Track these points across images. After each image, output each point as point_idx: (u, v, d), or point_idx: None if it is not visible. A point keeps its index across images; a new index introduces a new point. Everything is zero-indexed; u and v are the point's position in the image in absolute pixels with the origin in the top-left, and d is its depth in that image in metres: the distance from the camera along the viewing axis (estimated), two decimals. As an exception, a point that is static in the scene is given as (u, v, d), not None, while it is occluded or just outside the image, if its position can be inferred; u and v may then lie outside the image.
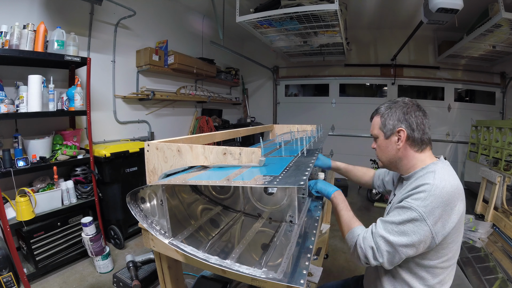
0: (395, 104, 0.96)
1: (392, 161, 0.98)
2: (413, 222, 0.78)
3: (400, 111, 0.94)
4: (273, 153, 1.39)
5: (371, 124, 1.04)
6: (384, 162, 1.02)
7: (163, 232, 0.90)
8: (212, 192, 1.18)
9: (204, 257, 0.78)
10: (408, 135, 0.92)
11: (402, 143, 0.93)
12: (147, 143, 1.02)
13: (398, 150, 0.95)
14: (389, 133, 0.95)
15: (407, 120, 0.92)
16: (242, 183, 0.77)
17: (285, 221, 1.03)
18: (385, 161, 1.01)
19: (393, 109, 0.95)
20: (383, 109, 0.98)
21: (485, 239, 2.58)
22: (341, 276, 2.20)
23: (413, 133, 0.92)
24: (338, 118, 5.30)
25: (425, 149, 0.93)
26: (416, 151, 0.93)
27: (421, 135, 0.92)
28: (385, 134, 0.97)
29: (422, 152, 0.93)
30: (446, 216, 0.79)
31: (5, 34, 1.87)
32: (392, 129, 0.94)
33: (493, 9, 2.99)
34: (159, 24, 3.57)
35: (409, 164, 0.95)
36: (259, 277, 0.68)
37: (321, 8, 2.67)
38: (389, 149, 0.97)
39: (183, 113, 4.20)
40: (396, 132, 0.93)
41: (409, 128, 0.92)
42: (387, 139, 0.96)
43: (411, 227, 0.78)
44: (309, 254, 0.77)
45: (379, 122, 0.98)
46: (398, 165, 0.98)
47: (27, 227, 1.96)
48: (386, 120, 0.96)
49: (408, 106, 0.94)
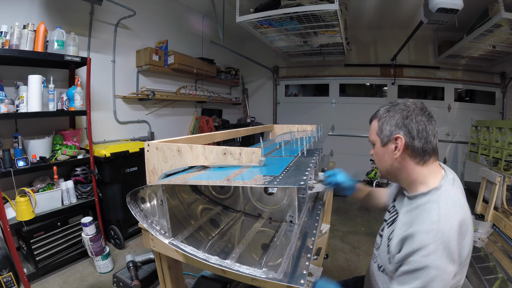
0: (395, 107, 0.84)
1: (390, 171, 0.88)
2: (437, 278, 0.68)
3: (399, 115, 0.82)
4: (273, 153, 1.39)
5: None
6: (382, 172, 0.92)
7: (163, 232, 0.90)
8: (212, 192, 1.18)
9: (204, 257, 0.78)
10: (407, 144, 0.80)
11: (399, 152, 0.81)
12: (147, 143, 1.02)
13: (395, 160, 0.83)
14: (385, 139, 0.84)
15: (407, 126, 0.80)
16: (242, 183, 0.77)
17: (285, 221, 1.03)
18: (382, 171, 0.91)
19: (392, 113, 0.83)
20: (381, 112, 0.87)
21: (485, 239, 2.58)
22: (341, 276, 2.20)
23: (413, 142, 0.79)
24: (338, 118, 5.30)
25: (428, 161, 0.81)
26: (417, 164, 0.81)
27: (423, 144, 0.79)
28: (381, 141, 0.85)
29: (425, 165, 0.81)
30: (460, 247, 0.72)
31: (5, 34, 1.87)
32: (389, 136, 0.83)
33: (493, 9, 2.99)
34: (159, 24, 3.56)
35: (409, 178, 0.84)
36: (259, 277, 0.68)
37: (321, 8, 2.67)
38: (385, 158, 0.86)
39: (183, 113, 4.20)
40: (394, 139, 0.82)
41: (409, 135, 0.80)
42: (384, 147, 0.85)
43: (438, 284, 0.69)
44: (309, 254, 0.77)
45: (376, 126, 0.87)
46: (398, 177, 0.87)
47: (27, 227, 1.96)
48: (383, 125, 0.84)
49: (410, 110, 0.81)
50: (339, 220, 3.28)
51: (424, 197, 0.79)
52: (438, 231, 0.70)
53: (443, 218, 0.71)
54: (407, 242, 0.75)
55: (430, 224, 0.72)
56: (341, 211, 3.56)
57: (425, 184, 0.81)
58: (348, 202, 4.06)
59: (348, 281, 1.26)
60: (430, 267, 0.68)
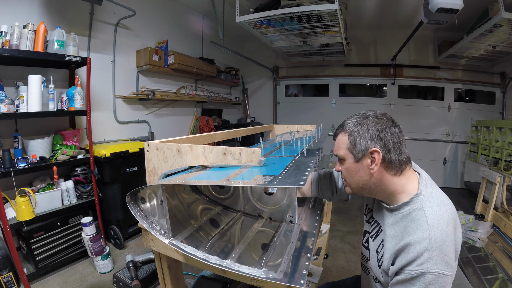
0: (367, 120, 0.80)
1: (364, 187, 0.83)
2: (434, 281, 0.68)
3: (373, 128, 0.78)
4: (273, 153, 1.39)
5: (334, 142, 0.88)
6: (354, 189, 0.87)
7: (163, 232, 0.90)
8: (212, 192, 1.18)
9: (204, 257, 0.78)
10: (384, 157, 0.77)
11: (377, 166, 0.78)
12: (147, 143, 1.02)
13: (372, 175, 0.79)
14: (360, 155, 0.80)
15: (382, 138, 0.77)
16: (242, 183, 0.77)
17: (285, 221, 1.03)
18: (356, 187, 0.86)
19: (365, 126, 0.79)
20: (351, 125, 0.82)
21: (485, 239, 2.58)
22: (341, 276, 2.20)
23: (389, 154, 0.77)
24: (338, 118, 5.25)
25: (404, 170, 0.80)
26: (394, 175, 0.79)
27: (398, 155, 0.78)
28: (355, 157, 0.81)
29: (402, 174, 0.80)
30: (455, 245, 0.72)
31: (5, 34, 1.87)
32: (365, 150, 0.79)
33: (493, 9, 2.99)
34: (159, 24, 3.57)
35: (387, 191, 0.81)
36: (259, 277, 0.68)
37: (321, 8, 2.67)
38: (360, 173, 0.81)
39: (183, 113, 4.20)
40: (369, 154, 0.78)
41: (385, 148, 0.77)
42: (358, 162, 0.81)
43: (436, 287, 0.68)
44: (309, 254, 0.77)
45: (346, 141, 0.82)
46: (373, 191, 0.84)
47: (27, 227, 1.96)
48: (357, 140, 0.80)
49: (382, 122, 0.79)
50: (339, 220, 3.28)
51: (408, 206, 0.78)
52: (431, 239, 0.69)
53: (432, 225, 0.71)
54: (401, 255, 0.74)
55: (421, 232, 0.71)
56: (341, 211, 3.56)
57: (404, 193, 0.80)
58: (348, 203, 4.05)
59: (348, 280, 1.26)
60: (426, 274, 0.68)
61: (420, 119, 4.91)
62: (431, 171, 4.85)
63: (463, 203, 4.01)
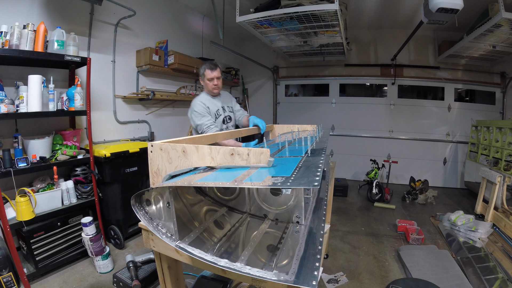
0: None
1: None
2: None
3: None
4: (278, 153, 1.38)
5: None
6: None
7: (170, 235, 0.88)
8: (217, 193, 1.17)
9: (213, 260, 0.76)
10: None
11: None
12: (150, 143, 1.00)
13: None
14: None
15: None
16: (252, 185, 0.75)
17: (292, 221, 1.01)
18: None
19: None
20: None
21: (485, 239, 2.58)
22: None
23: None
24: (338, 118, 5.30)
25: None
26: None
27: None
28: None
29: None
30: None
31: (5, 34, 1.87)
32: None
33: (493, 9, 2.99)
34: (159, 24, 3.56)
35: None
36: (271, 280, 0.68)
37: (321, 8, 2.67)
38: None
39: (183, 113, 4.19)
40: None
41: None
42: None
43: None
44: (318, 255, 0.75)
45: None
46: None
47: (27, 227, 1.96)
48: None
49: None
50: (339, 220, 3.28)
51: None
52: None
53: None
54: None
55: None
56: (341, 211, 3.57)
57: None
58: (348, 202, 4.06)
59: None
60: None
61: (420, 119, 4.91)
62: (431, 171, 4.85)
63: (463, 203, 4.01)
